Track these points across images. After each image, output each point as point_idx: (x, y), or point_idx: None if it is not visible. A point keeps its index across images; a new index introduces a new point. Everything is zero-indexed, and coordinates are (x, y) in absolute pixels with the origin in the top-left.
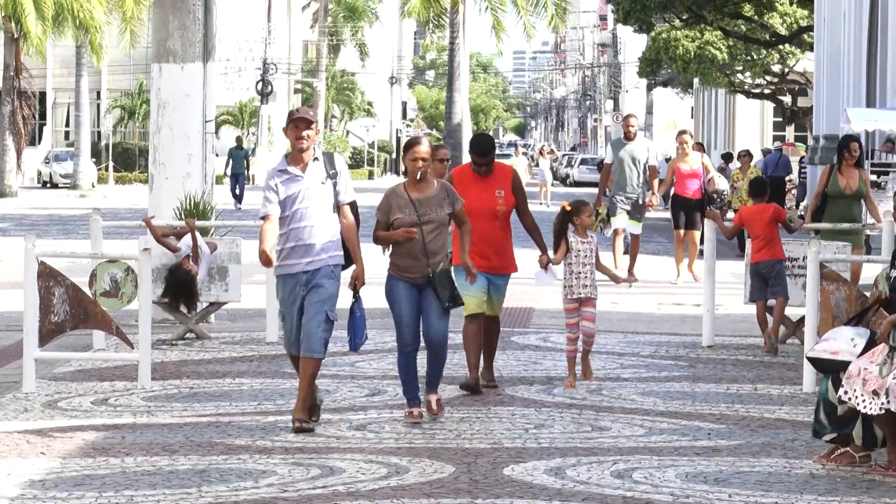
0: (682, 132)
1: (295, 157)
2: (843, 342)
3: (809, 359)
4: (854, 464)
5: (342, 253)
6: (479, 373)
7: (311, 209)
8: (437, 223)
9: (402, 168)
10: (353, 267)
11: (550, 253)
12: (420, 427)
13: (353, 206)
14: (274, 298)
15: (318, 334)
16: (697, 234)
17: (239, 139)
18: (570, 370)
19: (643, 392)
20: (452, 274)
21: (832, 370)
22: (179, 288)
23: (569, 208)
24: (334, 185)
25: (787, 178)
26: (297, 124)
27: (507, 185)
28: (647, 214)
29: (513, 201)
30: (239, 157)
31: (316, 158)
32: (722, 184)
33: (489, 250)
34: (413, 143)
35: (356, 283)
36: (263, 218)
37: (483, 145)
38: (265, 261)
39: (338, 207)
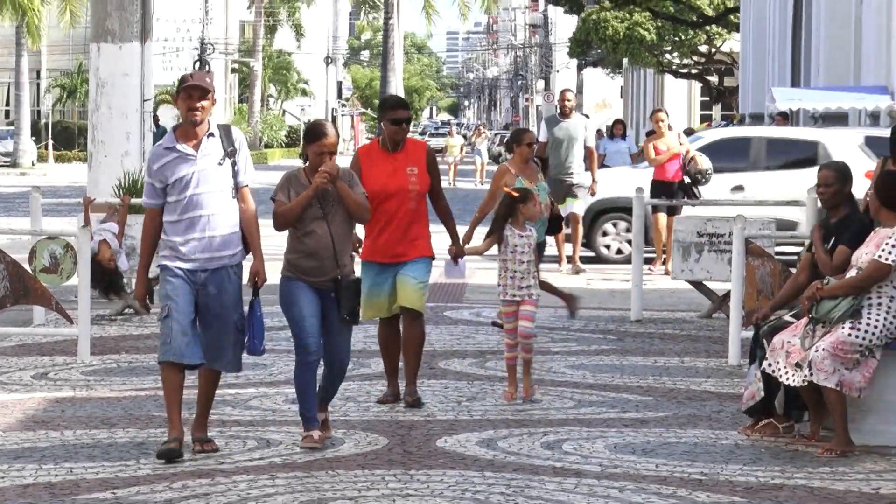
0: (657, 111)
1: (186, 131)
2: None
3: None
4: (778, 434)
5: (242, 248)
6: (403, 387)
7: (207, 195)
8: (343, 217)
9: (302, 154)
10: (252, 260)
11: (475, 243)
12: (355, 400)
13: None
14: None
15: (234, 350)
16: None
17: (156, 117)
18: (511, 379)
19: (573, 365)
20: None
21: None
22: (102, 280)
23: (516, 195)
24: (233, 164)
25: None
26: (189, 93)
27: (420, 162)
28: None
29: (427, 181)
30: (157, 137)
31: (211, 134)
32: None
33: (396, 237)
34: (319, 132)
35: (256, 280)
36: (147, 211)
37: (395, 98)
38: (142, 304)
39: (236, 190)
